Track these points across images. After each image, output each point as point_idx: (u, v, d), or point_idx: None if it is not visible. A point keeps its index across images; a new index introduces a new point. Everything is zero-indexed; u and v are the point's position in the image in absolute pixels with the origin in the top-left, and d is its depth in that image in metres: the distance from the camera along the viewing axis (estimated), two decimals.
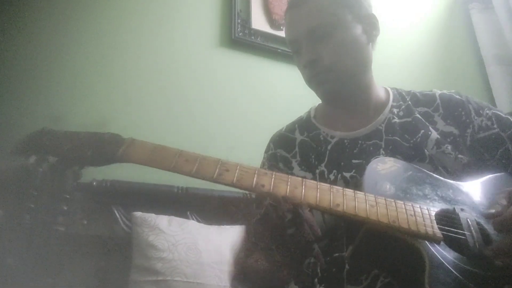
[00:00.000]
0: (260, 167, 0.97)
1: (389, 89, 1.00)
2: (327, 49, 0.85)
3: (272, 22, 2.02)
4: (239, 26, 1.93)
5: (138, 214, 1.32)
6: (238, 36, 1.91)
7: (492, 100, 2.39)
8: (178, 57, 1.76)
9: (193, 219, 1.44)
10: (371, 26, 0.91)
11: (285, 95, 1.89)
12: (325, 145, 0.92)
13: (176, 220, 1.35)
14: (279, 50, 1.98)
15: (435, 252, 0.63)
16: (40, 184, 1.20)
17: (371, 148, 0.88)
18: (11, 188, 1.17)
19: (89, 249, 1.28)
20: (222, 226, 1.38)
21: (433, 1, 2.63)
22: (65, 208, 1.28)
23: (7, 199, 1.17)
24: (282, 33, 2.00)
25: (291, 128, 1.00)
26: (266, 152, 1.00)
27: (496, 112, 0.92)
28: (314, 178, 0.88)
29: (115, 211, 1.37)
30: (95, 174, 1.34)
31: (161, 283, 1.21)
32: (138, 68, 1.66)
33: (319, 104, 1.03)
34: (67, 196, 1.28)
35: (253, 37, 1.95)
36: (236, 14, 1.94)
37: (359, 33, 0.88)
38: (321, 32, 0.85)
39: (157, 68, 1.70)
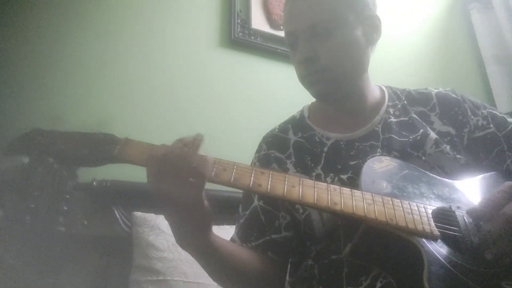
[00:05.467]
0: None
1: (383, 87, 0.98)
2: (325, 48, 0.82)
3: (272, 22, 2.02)
4: (238, 26, 1.93)
5: (138, 214, 1.32)
6: (237, 36, 1.91)
7: (491, 100, 2.38)
8: (178, 57, 1.76)
9: None
10: (372, 28, 0.88)
11: (285, 95, 1.89)
12: (320, 147, 0.89)
13: None
14: (278, 50, 1.97)
15: (432, 250, 0.63)
16: (40, 184, 1.21)
17: (368, 149, 0.86)
18: (12, 189, 1.18)
19: (90, 249, 1.28)
20: (222, 226, 1.37)
21: (433, 1, 2.63)
22: (65, 208, 1.29)
23: (8, 199, 1.18)
24: (282, 33, 1.98)
25: (284, 128, 0.97)
26: (258, 152, 0.97)
27: (492, 111, 0.91)
28: None
29: (115, 211, 1.37)
30: (95, 174, 1.34)
31: (161, 283, 1.21)
32: (137, 67, 1.66)
33: (312, 103, 1.01)
34: (67, 196, 1.29)
35: (252, 37, 1.95)
36: (235, 14, 1.94)
37: (359, 34, 0.85)
38: (322, 29, 0.82)
39: (156, 68, 1.70)
